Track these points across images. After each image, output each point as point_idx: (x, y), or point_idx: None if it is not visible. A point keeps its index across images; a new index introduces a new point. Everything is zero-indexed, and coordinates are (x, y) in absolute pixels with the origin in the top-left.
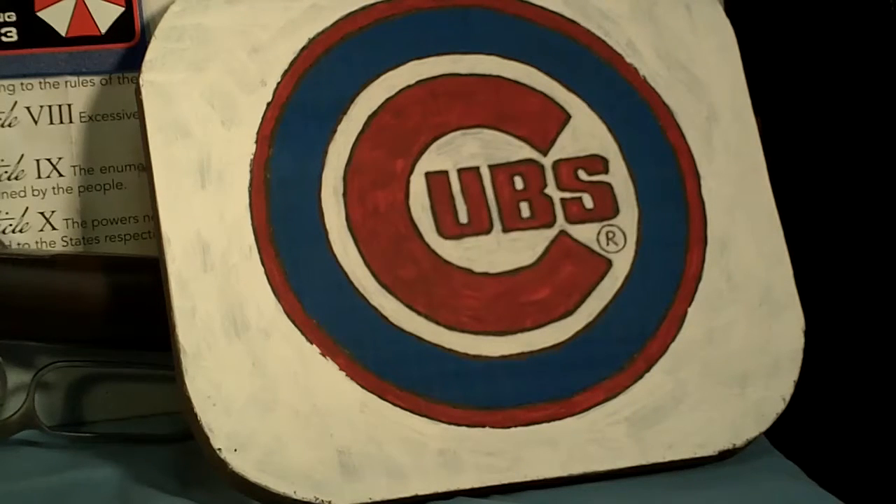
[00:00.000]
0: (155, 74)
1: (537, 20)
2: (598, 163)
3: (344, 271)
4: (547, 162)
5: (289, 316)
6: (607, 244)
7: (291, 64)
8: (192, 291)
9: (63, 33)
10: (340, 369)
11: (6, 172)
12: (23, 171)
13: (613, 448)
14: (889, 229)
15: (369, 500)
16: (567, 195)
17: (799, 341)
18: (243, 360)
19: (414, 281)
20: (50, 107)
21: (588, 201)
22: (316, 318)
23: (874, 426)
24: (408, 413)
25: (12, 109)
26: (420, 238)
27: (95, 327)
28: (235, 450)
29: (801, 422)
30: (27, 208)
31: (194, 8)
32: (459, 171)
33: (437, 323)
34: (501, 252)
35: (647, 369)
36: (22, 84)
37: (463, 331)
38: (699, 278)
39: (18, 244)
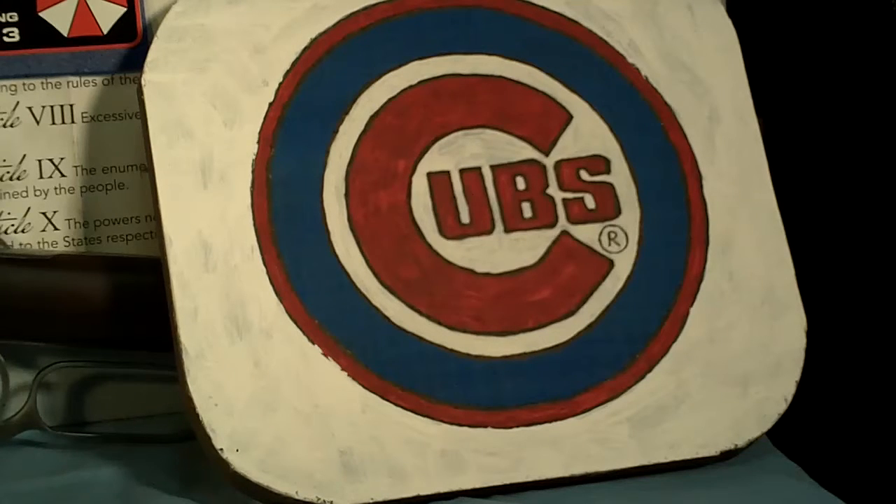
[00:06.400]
0: (157, 75)
1: (539, 20)
2: (599, 163)
3: (346, 271)
4: (549, 162)
5: (291, 316)
6: (609, 244)
7: (293, 64)
8: (193, 292)
9: (65, 33)
10: (342, 369)
11: (8, 172)
12: (25, 171)
13: (615, 448)
14: (890, 229)
15: (371, 501)
16: (569, 195)
17: (801, 341)
18: (245, 360)
19: (416, 281)
20: (52, 107)
21: (590, 201)
22: (318, 319)
23: (876, 426)
24: (410, 413)
25: (14, 109)
26: (422, 238)
27: (97, 328)
28: (237, 450)
29: (804, 422)
30: (29, 208)
31: (196, 8)
32: (461, 171)
33: (439, 323)
34: (503, 252)
35: (649, 369)
36: (24, 84)
37: (465, 331)
38: (701, 278)
39: (20, 244)
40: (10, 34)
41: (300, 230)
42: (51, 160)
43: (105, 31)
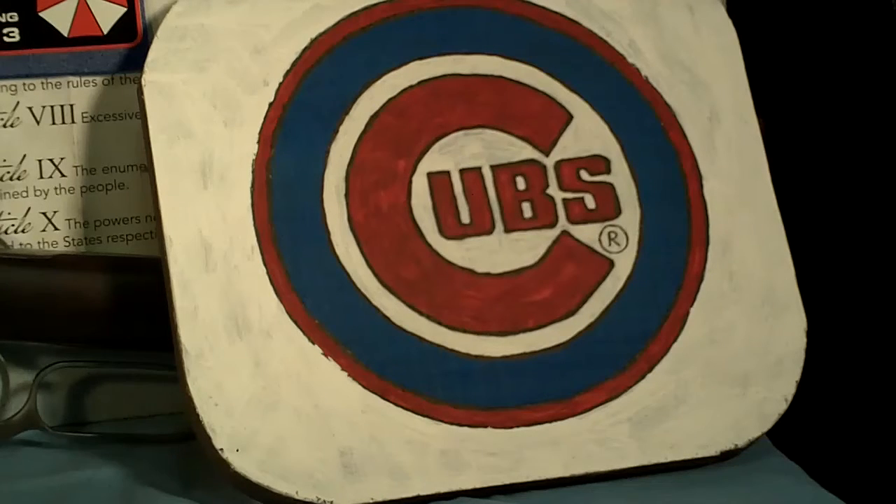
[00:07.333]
0: (157, 75)
1: (539, 20)
2: (600, 163)
3: (346, 271)
4: (549, 162)
5: (291, 316)
6: (609, 244)
7: (293, 64)
8: (194, 292)
9: (65, 33)
10: (342, 369)
11: (8, 173)
12: (25, 171)
13: (615, 448)
14: (890, 229)
15: (371, 501)
16: (569, 195)
17: (801, 341)
18: (245, 360)
19: (416, 281)
20: (52, 107)
21: (590, 201)
22: (318, 319)
23: (876, 427)
24: (410, 413)
25: (14, 110)
26: (422, 238)
27: (97, 327)
28: (237, 450)
29: (804, 422)
30: (29, 208)
31: (196, 8)
32: (461, 171)
33: (439, 323)
34: (503, 252)
35: (649, 370)
36: (24, 84)
37: (465, 331)
38: (701, 278)
39: (20, 244)
40: (11, 34)
41: (300, 230)
42: (51, 160)
43: (105, 31)
